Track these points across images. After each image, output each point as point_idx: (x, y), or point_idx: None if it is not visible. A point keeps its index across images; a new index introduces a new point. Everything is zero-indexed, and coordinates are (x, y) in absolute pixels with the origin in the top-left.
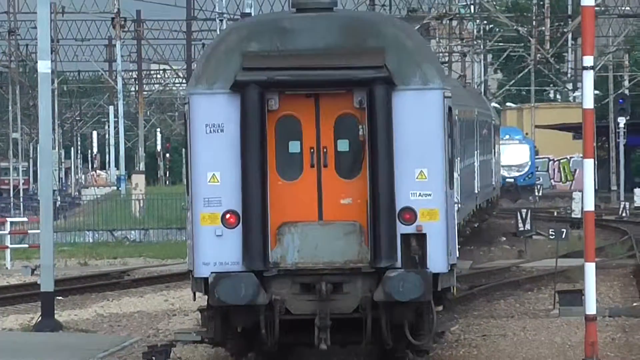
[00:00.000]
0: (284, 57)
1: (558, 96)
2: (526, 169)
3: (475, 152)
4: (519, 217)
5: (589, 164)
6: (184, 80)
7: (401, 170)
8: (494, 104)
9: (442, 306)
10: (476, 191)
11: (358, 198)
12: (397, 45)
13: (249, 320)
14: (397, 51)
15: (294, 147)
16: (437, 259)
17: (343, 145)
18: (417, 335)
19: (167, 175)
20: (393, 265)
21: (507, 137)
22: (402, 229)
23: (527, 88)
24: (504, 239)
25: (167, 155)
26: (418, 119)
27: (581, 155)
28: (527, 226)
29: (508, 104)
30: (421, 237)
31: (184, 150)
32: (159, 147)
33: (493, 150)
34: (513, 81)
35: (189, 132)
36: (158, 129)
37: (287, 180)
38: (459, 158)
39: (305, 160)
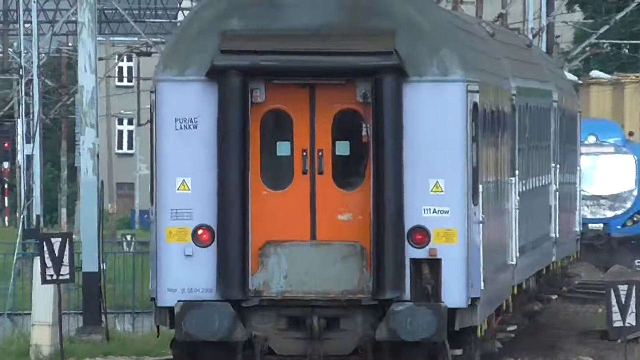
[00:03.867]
0: (272, 37)
1: None
2: (628, 205)
3: (551, 167)
4: (614, 301)
5: None
6: None
7: (412, 181)
8: (566, 73)
9: (461, 350)
10: (552, 235)
11: (359, 213)
12: (410, 25)
13: None
14: (410, 33)
15: (282, 149)
16: (454, 291)
17: (343, 147)
18: None
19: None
20: (400, 297)
21: (592, 139)
22: (412, 252)
23: (634, 42)
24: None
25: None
26: (434, 118)
27: None
28: (631, 319)
29: (594, 72)
30: (435, 263)
31: (150, 151)
32: None
33: (577, 168)
34: (606, 27)
35: (155, 128)
36: None
37: (273, 189)
38: (516, 176)
39: (296, 166)
